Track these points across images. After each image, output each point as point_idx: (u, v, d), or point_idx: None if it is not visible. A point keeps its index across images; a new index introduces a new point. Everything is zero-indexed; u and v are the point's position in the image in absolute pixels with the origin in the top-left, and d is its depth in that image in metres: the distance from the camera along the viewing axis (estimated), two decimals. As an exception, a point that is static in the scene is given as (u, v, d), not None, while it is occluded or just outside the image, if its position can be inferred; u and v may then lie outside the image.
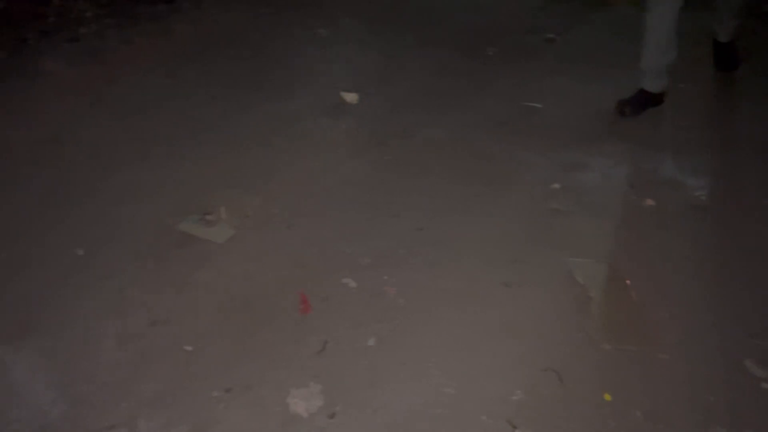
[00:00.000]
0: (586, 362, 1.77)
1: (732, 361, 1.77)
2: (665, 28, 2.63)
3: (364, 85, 3.12)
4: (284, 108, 2.94)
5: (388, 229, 2.26)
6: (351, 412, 1.65)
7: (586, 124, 2.82)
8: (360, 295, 1.99)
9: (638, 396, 1.68)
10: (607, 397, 1.66)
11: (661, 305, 1.93)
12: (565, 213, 2.32)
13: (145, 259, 2.12)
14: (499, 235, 2.22)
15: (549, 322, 1.87)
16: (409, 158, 2.62)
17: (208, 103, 3.02)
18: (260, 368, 1.76)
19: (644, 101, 2.85)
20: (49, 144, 2.71)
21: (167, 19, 3.85)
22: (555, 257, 2.12)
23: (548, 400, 1.66)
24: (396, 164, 2.61)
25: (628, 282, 2.00)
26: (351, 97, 2.98)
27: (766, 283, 2.02)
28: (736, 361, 1.76)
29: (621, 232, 2.26)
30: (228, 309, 1.95)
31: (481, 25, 3.84)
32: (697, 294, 1.98)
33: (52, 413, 1.66)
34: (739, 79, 3.16)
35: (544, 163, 2.57)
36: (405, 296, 1.99)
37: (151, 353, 1.81)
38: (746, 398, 1.67)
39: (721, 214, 2.30)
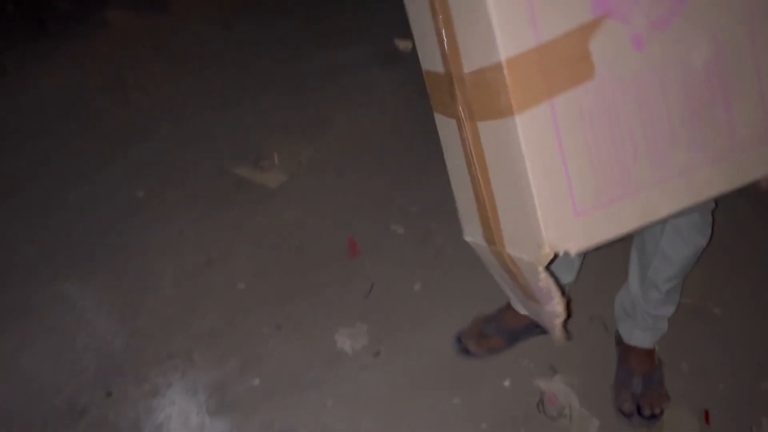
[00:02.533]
0: (634, 313, 1.75)
1: (788, 318, 1.72)
2: None
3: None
4: (339, 56, 2.94)
5: (439, 179, 2.23)
6: (395, 352, 1.69)
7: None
8: (408, 241, 2.02)
9: (686, 349, 1.66)
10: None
11: (719, 260, 1.88)
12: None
13: (202, 201, 2.19)
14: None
15: (598, 272, 1.85)
16: (463, 108, 2.59)
17: (264, 52, 3.05)
18: (309, 307, 1.82)
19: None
20: (113, 91, 2.80)
21: (227, -30, 3.88)
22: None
23: (592, 348, 1.66)
24: (449, 114, 2.58)
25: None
26: (405, 45, 2.96)
27: (831, 240, 1.94)
28: (792, 318, 1.72)
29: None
30: (280, 251, 2.00)
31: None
32: (758, 249, 1.92)
33: (115, 343, 1.76)
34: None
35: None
36: (452, 244, 2.00)
37: (206, 291, 1.89)
38: (800, 355, 1.63)
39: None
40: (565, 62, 0.73)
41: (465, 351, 1.66)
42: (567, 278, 1.56)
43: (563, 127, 0.74)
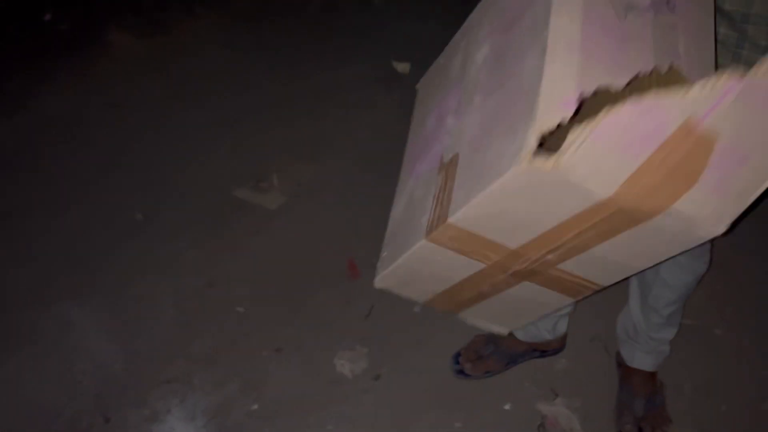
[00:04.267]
0: (635, 334, 1.74)
1: (789, 338, 1.71)
2: None
3: (417, 54, 3.10)
4: (338, 77, 2.95)
5: (438, 198, 2.26)
6: (395, 375, 1.68)
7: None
8: (408, 262, 2.01)
9: (688, 369, 1.65)
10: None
11: (719, 279, 1.87)
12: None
13: (201, 223, 2.19)
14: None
15: (598, 294, 1.85)
16: (462, 127, 2.60)
17: (264, 72, 3.06)
18: (309, 330, 1.81)
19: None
20: (112, 110, 2.80)
21: (226, -10, 3.91)
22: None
23: (592, 370, 1.65)
24: (448, 133, 2.59)
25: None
26: (403, 67, 2.97)
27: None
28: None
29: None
30: (279, 273, 2.00)
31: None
32: (758, 269, 1.92)
33: (114, 367, 1.75)
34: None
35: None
36: (453, 264, 1.99)
37: (206, 313, 1.88)
38: (802, 375, 1.62)
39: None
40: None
41: (461, 372, 1.65)
42: (566, 307, 1.54)
43: None
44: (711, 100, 0.68)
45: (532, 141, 0.70)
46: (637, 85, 0.79)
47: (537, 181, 0.73)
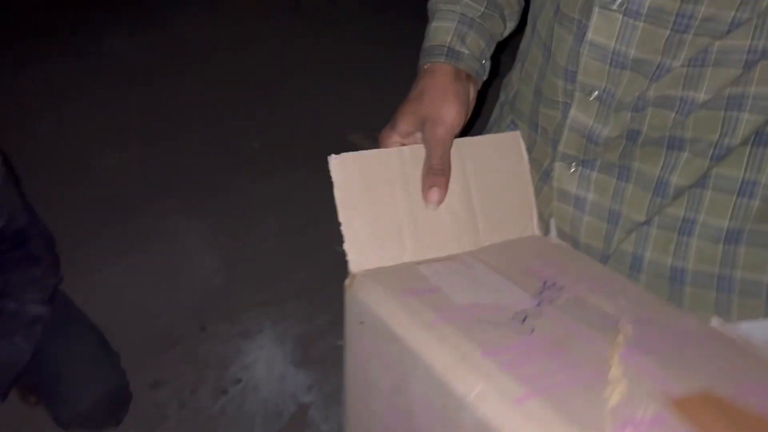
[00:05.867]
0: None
1: None
2: None
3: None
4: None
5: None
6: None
7: None
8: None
9: None
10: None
11: None
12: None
13: (313, 161, 2.21)
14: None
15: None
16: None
17: (396, 25, 3.05)
18: (403, 280, 1.81)
19: None
20: (242, 43, 2.88)
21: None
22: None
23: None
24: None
25: None
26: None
27: None
28: None
29: None
30: (381, 221, 2.00)
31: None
32: None
33: (214, 281, 1.82)
34: None
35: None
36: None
37: (306, 248, 1.92)
38: None
39: None
40: None
41: None
42: None
43: None
44: None
45: None
46: None
47: None
